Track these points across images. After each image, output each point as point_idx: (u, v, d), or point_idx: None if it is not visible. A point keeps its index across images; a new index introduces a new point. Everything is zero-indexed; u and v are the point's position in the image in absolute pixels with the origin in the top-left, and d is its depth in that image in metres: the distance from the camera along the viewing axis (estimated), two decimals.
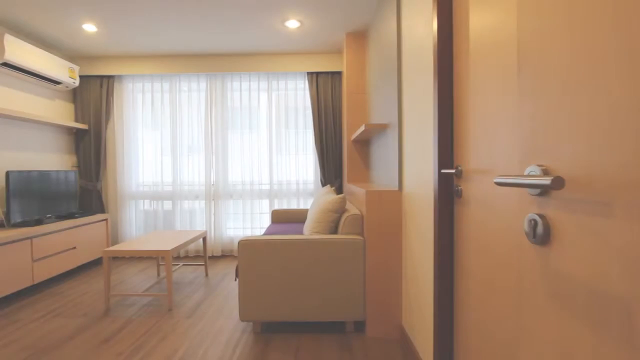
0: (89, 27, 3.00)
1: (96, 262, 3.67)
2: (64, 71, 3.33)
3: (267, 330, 2.10)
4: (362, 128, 2.45)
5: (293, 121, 3.82)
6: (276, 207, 3.80)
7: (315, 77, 3.65)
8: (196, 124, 3.86)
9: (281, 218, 3.42)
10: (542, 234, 0.70)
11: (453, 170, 1.22)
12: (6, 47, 2.71)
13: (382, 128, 2.36)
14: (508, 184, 0.70)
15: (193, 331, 2.12)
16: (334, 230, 2.21)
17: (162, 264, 3.30)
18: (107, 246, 3.66)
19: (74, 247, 3.18)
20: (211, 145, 3.82)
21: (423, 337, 1.60)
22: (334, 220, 2.18)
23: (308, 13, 2.76)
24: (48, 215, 3.11)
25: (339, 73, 3.67)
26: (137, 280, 3.08)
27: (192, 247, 3.91)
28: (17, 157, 3.09)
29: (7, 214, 2.73)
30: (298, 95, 3.81)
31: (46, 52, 3.13)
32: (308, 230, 2.22)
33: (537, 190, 0.73)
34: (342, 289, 1.99)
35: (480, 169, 1.06)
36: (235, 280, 2.35)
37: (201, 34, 3.15)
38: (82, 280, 3.13)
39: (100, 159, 3.74)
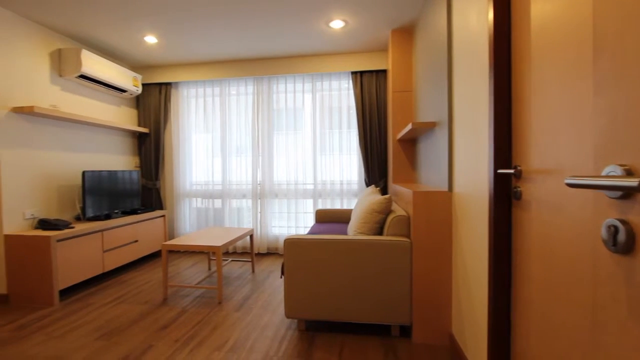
0: (150, 39, 3.26)
1: (155, 255, 3.98)
2: (128, 80, 3.66)
3: (312, 329, 2.13)
4: (409, 127, 2.38)
5: (337, 121, 3.83)
6: (320, 206, 3.84)
7: (359, 77, 3.62)
8: (244, 126, 4.03)
9: (325, 218, 3.44)
10: (624, 242, 0.63)
11: (511, 171, 1.14)
12: (82, 61, 3.05)
13: (430, 126, 2.27)
14: (583, 185, 0.63)
15: (241, 324, 2.21)
16: (379, 232, 2.17)
17: (213, 259, 3.49)
18: (165, 240, 3.95)
19: (137, 240, 3.49)
20: (257, 146, 3.96)
21: (475, 346, 1.51)
22: (379, 221, 2.14)
23: (353, 12, 2.75)
24: (115, 211, 3.44)
25: (384, 71, 3.61)
26: (190, 273, 3.29)
27: (239, 243, 4.08)
28: (90, 158, 3.46)
29: (83, 208, 3.06)
30: (342, 95, 3.81)
31: (114, 64, 3.47)
32: (353, 231, 2.21)
33: (618, 193, 0.65)
34: (387, 292, 1.95)
35: (543, 169, 0.97)
36: (281, 277, 2.41)
37: (249, 40, 3.28)
38: (143, 270, 3.42)
39: (159, 160, 4.06)
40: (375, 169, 3.60)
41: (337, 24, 2.95)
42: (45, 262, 2.54)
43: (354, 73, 3.64)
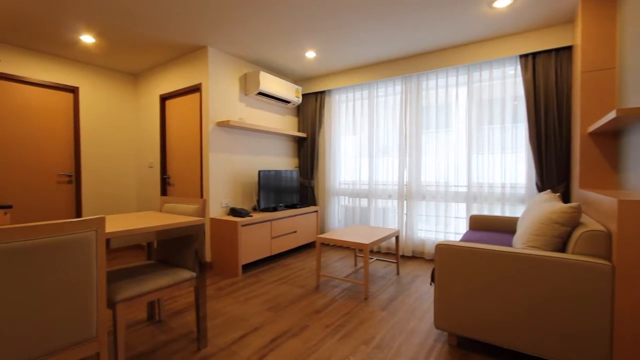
0: (310, 54, 3.67)
1: (308, 245, 4.47)
2: (292, 92, 4.25)
3: (465, 346, 1.91)
4: (611, 115, 1.81)
5: (498, 115, 3.32)
6: (475, 212, 3.42)
7: (530, 60, 3.03)
8: (391, 126, 4.02)
9: (481, 225, 3.04)
10: None
11: None
12: (260, 81, 3.72)
13: None
14: None
15: (387, 324, 2.20)
16: (560, 247, 1.75)
17: (359, 255, 3.63)
18: (317, 234, 4.39)
19: (295, 231, 4.00)
20: (405, 146, 3.88)
21: None
22: (560, 235, 1.72)
23: None
24: (280, 205, 4.05)
25: (568, 49, 2.89)
26: (338, 266, 3.53)
27: (383, 244, 4.10)
28: (263, 160, 4.19)
29: (258, 201, 3.74)
30: (507, 84, 3.27)
31: (281, 79, 4.09)
32: (521, 243, 1.86)
33: None
34: (571, 323, 1.54)
35: None
36: (431, 284, 2.27)
37: (399, 39, 3.24)
38: (300, 258, 3.89)
39: (314, 161, 4.54)
40: (552, 171, 2.93)
41: (502, 2, 2.55)
42: (233, 241, 3.23)
43: (522, 56, 3.08)
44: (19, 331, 1.05)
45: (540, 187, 2.99)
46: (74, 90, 3.84)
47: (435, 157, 3.70)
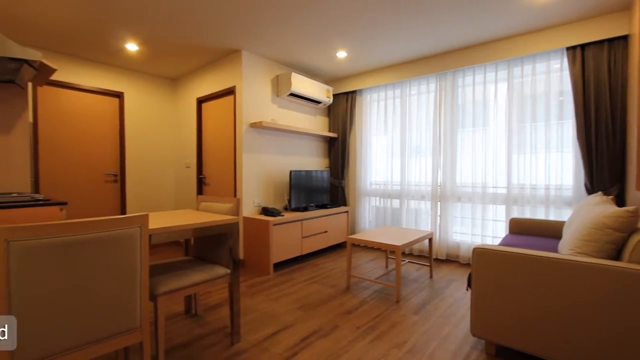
0: (341, 54, 3.66)
1: (339, 246, 4.45)
2: (322, 93, 4.26)
3: (503, 355, 1.81)
4: None
5: (542, 112, 3.12)
6: (515, 214, 3.23)
7: (579, 52, 2.81)
8: (424, 125, 3.91)
9: (522, 228, 2.88)
10: None
11: None
12: (292, 82, 3.76)
13: None
14: None
15: (420, 328, 2.14)
16: (613, 255, 1.60)
17: (391, 257, 3.56)
18: (347, 234, 4.37)
19: (326, 231, 4.01)
20: (439, 146, 3.75)
21: None
22: (614, 242, 1.58)
23: None
24: (311, 205, 4.07)
25: (623, 38, 2.65)
26: (369, 267, 3.49)
27: (416, 246, 4.00)
28: (294, 160, 4.23)
29: (289, 201, 3.79)
30: (551, 79, 3.07)
31: (312, 80, 4.11)
32: (568, 249, 1.73)
33: None
34: (621, 337, 1.41)
35: None
36: (467, 290, 2.18)
37: (433, 36, 3.15)
38: (330, 258, 3.89)
39: (344, 161, 4.52)
40: (604, 171, 2.71)
41: None
42: (265, 240, 3.29)
43: (569, 48, 2.87)
44: (74, 319, 1.13)
45: (590, 189, 2.77)
46: (119, 96, 4.11)
47: (472, 156, 3.54)
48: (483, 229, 3.48)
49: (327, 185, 4.36)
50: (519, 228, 2.90)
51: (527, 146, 3.20)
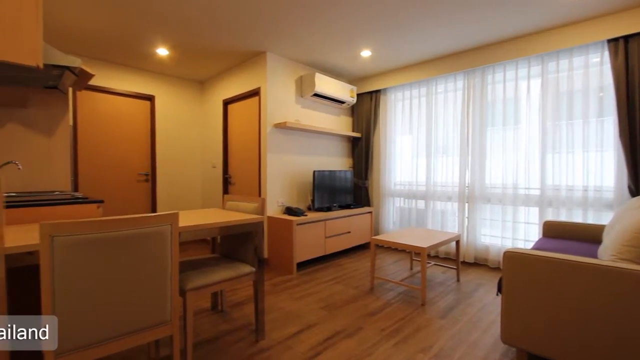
0: (365, 53, 3.63)
1: (362, 246, 4.41)
2: (346, 93, 4.24)
3: None
4: None
5: (579, 109, 2.94)
6: (550, 217, 3.07)
7: (621, 44, 2.63)
8: (451, 124, 3.80)
9: (557, 232, 2.73)
10: None
11: None
12: (316, 82, 3.77)
13: None
14: None
15: (446, 333, 2.08)
16: None
17: (416, 259, 3.49)
18: (371, 235, 4.32)
19: (349, 232, 3.98)
20: (467, 145, 3.63)
21: None
22: None
23: None
24: (334, 205, 4.07)
25: None
26: (393, 269, 3.43)
27: (442, 248, 3.89)
28: (318, 160, 4.24)
29: (313, 201, 3.80)
30: (590, 73, 2.89)
31: (336, 80, 4.10)
32: (609, 255, 1.62)
33: None
34: None
35: None
36: (497, 295, 2.10)
37: (460, 32, 3.05)
38: (354, 258, 3.87)
39: (368, 161, 4.48)
40: None
41: None
42: (289, 239, 3.32)
43: (611, 41, 2.69)
44: (111, 311, 1.19)
45: (635, 191, 2.58)
46: (150, 99, 4.29)
47: (502, 156, 3.40)
48: (514, 231, 3.33)
49: (351, 186, 4.34)
50: (554, 231, 2.75)
51: (562, 145, 3.03)
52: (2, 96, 2.24)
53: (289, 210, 3.55)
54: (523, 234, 3.31)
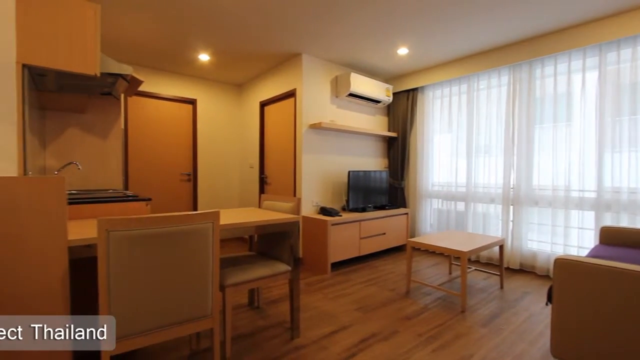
0: (402, 51, 3.55)
1: (398, 248, 4.31)
2: (382, 92, 4.17)
3: None
4: None
5: None
6: (608, 222, 2.81)
7: None
8: (495, 122, 3.59)
9: (616, 239, 2.48)
10: None
11: None
12: (351, 82, 3.75)
13: None
14: None
15: (489, 343, 1.97)
16: None
17: (455, 264, 3.35)
18: (407, 237, 4.21)
19: (384, 233, 3.91)
20: (512, 144, 3.42)
21: None
22: None
23: None
24: (369, 205, 4.02)
25: None
26: (430, 273, 3.32)
27: (484, 253, 3.70)
28: (352, 160, 4.22)
29: (347, 201, 3.78)
30: None
31: (371, 79, 4.04)
32: None
33: None
34: None
35: None
36: (547, 304, 1.96)
37: (504, 23, 2.88)
38: (389, 260, 3.79)
39: (404, 162, 4.37)
40: None
41: None
42: (323, 239, 3.33)
43: None
44: (157, 304, 1.27)
45: None
46: (193, 102, 4.52)
47: (552, 156, 3.16)
48: (566, 237, 3.08)
49: (386, 186, 4.26)
50: (613, 238, 2.51)
51: (624, 143, 2.75)
52: (66, 103, 2.48)
53: (324, 211, 3.56)
54: (576, 240, 3.05)
